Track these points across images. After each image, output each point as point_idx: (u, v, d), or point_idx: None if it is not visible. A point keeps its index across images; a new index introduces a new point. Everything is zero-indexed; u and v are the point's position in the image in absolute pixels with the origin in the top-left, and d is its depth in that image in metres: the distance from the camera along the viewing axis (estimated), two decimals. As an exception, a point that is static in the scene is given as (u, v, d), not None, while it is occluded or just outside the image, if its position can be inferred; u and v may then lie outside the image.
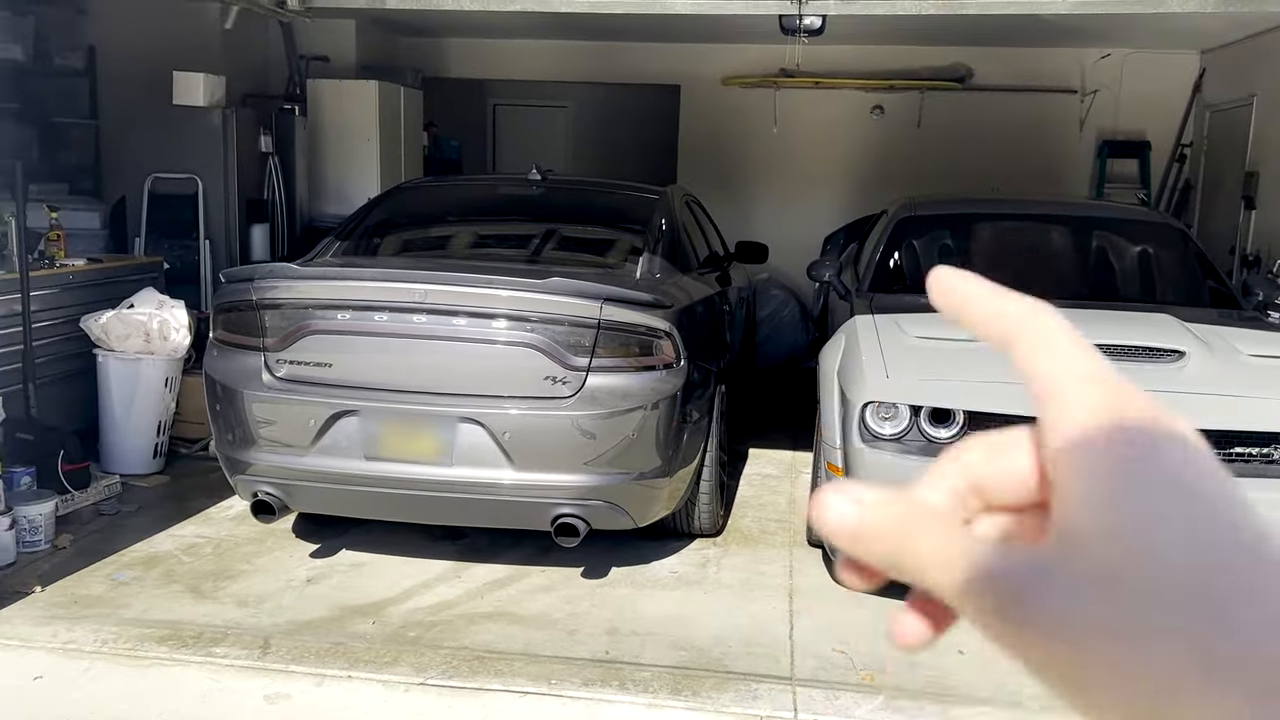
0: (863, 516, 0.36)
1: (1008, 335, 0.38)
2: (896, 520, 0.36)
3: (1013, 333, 0.38)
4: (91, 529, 4.58)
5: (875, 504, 0.36)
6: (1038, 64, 9.00)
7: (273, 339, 4.00)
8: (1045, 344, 0.37)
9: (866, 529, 0.36)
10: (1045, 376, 0.37)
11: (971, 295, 0.39)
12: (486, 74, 9.96)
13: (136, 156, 6.46)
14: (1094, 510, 0.32)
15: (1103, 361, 0.37)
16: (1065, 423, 0.35)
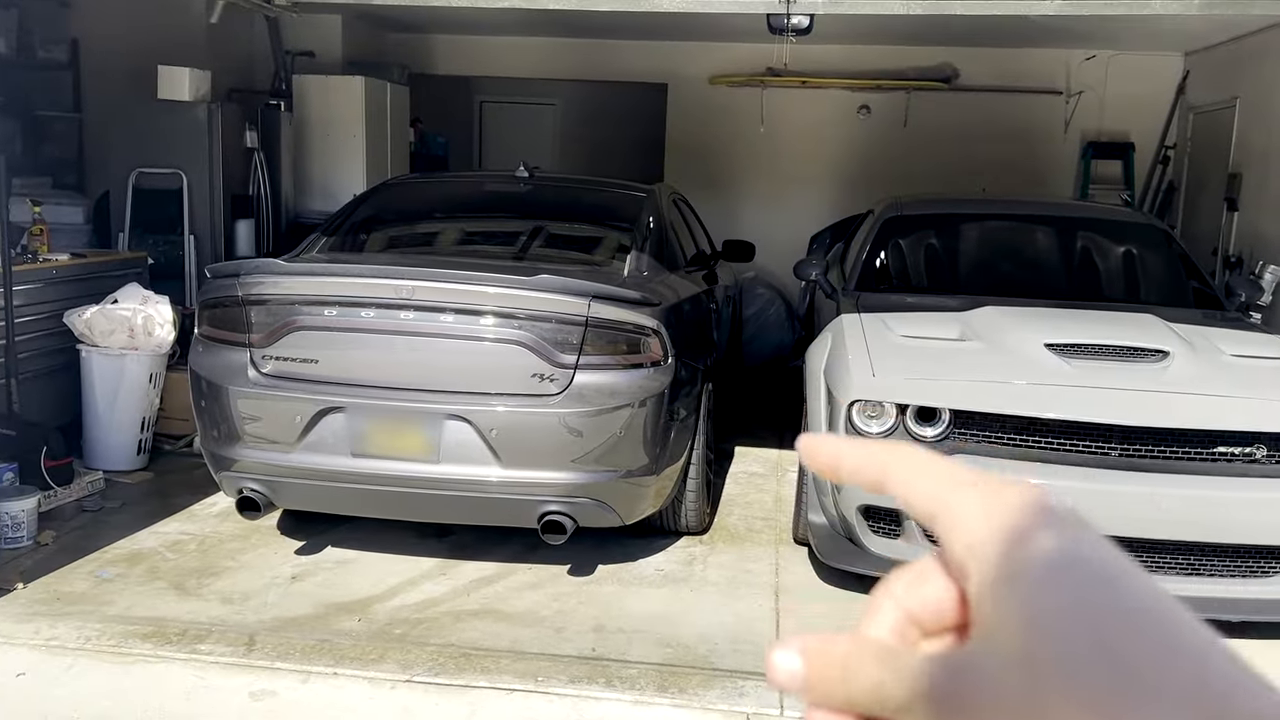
0: (809, 665, 0.37)
1: (881, 474, 0.41)
2: (839, 661, 0.37)
3: (884, 470, 0.41)
4: (74, 525, 4.55)
5: (817, 651, 0.38)
6: (1023, 65, 9.05)
7: (258, 335, 3.98)
8: (916, 470, 0.40)
9: (814, 676, 0.37)
10: (926, 498, 0.39)
11: (840, 451, 0.43)
12: (473, 71, 9.94)
13: (121, 151, 6.41)
14: (1001, 604, 0.34)
15: (971, 469, 0.39)
16: (959, 532, 0.37)
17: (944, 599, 0.39)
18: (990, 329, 4.22)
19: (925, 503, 0.39)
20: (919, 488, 0.39)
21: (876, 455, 0.42)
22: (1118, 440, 3.66)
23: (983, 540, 0.36)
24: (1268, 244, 7.05)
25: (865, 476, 0.42)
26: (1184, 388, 3.76)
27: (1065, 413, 3.67)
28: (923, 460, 0.40)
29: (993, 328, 4.23)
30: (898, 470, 0.40)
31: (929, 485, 0.39)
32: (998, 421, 3.75)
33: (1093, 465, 3.66)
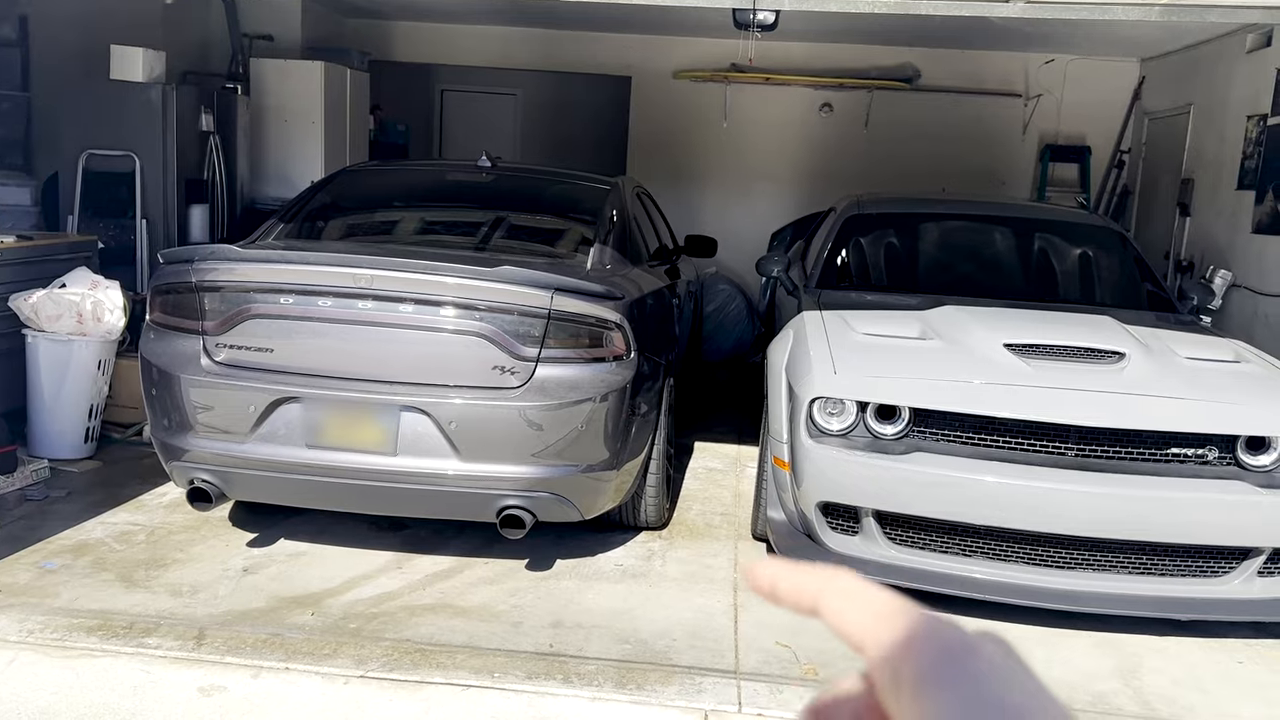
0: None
1: (814, 602, 0.44)
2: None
3: (816, 599, 0.44)
4: (18, 515, 4.42)
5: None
6: (984, 67, 9.14)
7: (212, 322, 3.90)
8: (847, 601, 0.43)
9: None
10: (854, 624, 0.42)
11: (778, 576, 0.46)
12: (434, 58, 9.83)
13: (71, 132, 6.26)
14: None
15: (899, 600, 0.43)
16: (881, 664, 0.40)
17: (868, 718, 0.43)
18: (950, 328, 4.25)
19: (854, 632, 0.42)
20: (849, 616, 0.42)
21: (810, 584, 0.45)
22: (1074, 440, 3.70)
23: (905, 683, 0.38)
24: (1218, 249, 7.19)
25: (799, 603, 0.45)
26: (1139, 389, 3.81)
27: (1023, 412, 3.71)
28: (853, 591, 0.43)
29: (953, 327, 4.26)
30: (830, 600, 0.44)
31: (857, 617, 0.42)
32: (956, 420, 3.77)
33: (1049, 465, 3.69)
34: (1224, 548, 3.70)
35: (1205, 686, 3.54)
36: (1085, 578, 3.71)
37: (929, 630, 0.40)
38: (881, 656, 0.40)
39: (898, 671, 0.39)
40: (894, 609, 0.42)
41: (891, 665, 0.39)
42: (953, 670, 0.38)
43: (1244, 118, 7.00)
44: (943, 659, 0.38)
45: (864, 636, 0.42)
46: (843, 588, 0.44)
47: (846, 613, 0.43)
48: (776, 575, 0.46)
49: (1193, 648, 3.79)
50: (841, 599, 0.43)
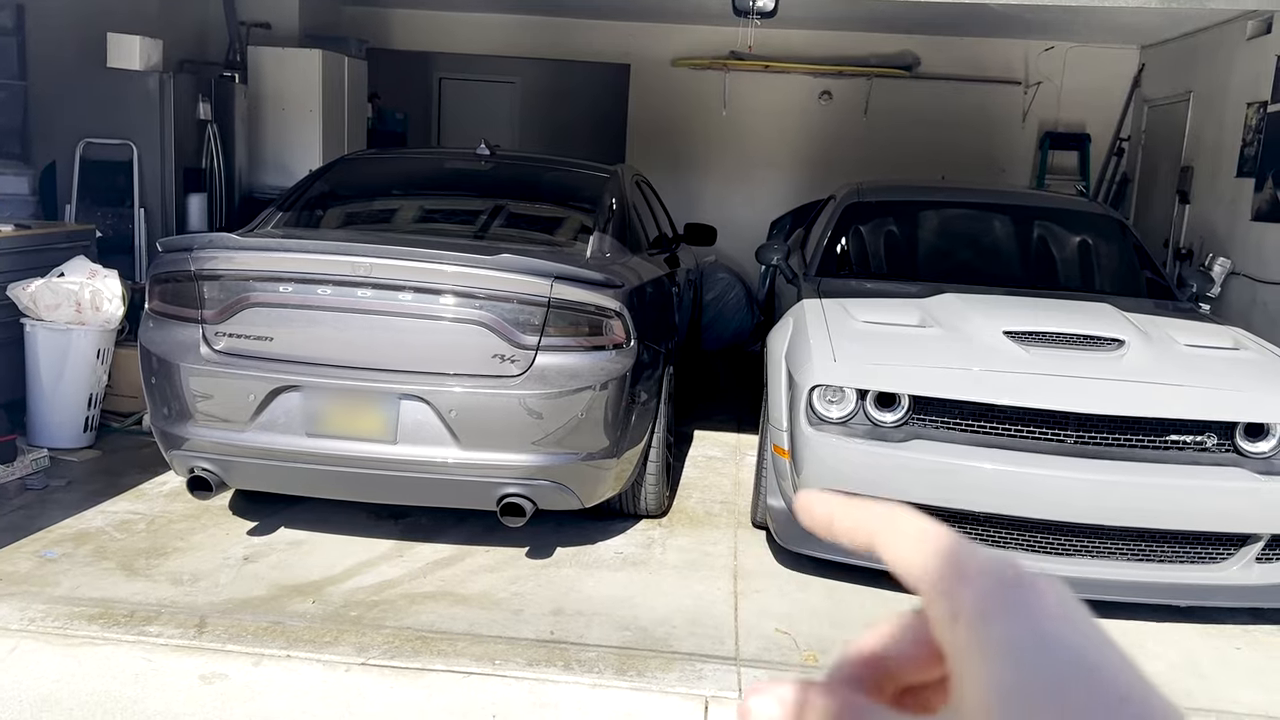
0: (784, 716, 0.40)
1: (870, 540, 0.43)
2: (809, 713, 0.39)
3: (874, 537, 0.43)
4: (18, 504, 4.43)
5: (792, 703, 0.40)
6: (983, 55, 9.12)
7: (211, 311, 3.89)
8: (906, 540, 0.41)
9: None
10: (911, 560, 0.41)
11: (835, 512, 0.44)
12: (432, 46, 9.80)
13: (68, 120, 6.23)
14: (973, 681, 0.36)
15: (957, 536, 0.41)
16: (941, 606, 0.39)
17: (921, 657, 0.41)
18: (950, 316, 4.25)
19: (912, 568, 0.40)
20: (907, 558, 0.41)
21: (868, 520, 0.43)
22: (1073, 427, 3.70)
23: (963, 616, 0.37)
24: (1218, 236, 7.19)
25: (855, 539, 0.43)
26: (1139, 376, 3.82)
27: (1022, 400, 3.71)
28: (913, 530, 0.42)
29: (952, 314, 4.25)
30: (887, 539, 0.42)
31: (915, 552, 0.41)
32: (956, 407, 3.77)
33: (1048, 452, 3.70)
34: (1222, 534, 3.70)
35: (1203, 672, 3.55)
36: (1084, 564, 3.71)
37: (990, 564, 0.39)
38: (940, 590, 0.39)
39: (956, 605, 0.38)
40: (953, 544, 0.41)
41: (950, 599, 0.38)
42: (1014, 602, 0.37)
43: (1244, 105, 6.99)
44: (1004, 591, 0.38)
45: (922, 571, 0.41)
46: (901, 523, 0.42)
47: (904, 548, 0.42)
48: (834, 510, 0.44)
49: (1191, 633, 3.81)
50: (899, 535, 0.42)
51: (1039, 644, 0.35)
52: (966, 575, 0.38)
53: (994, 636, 0.36)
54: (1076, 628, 0.36)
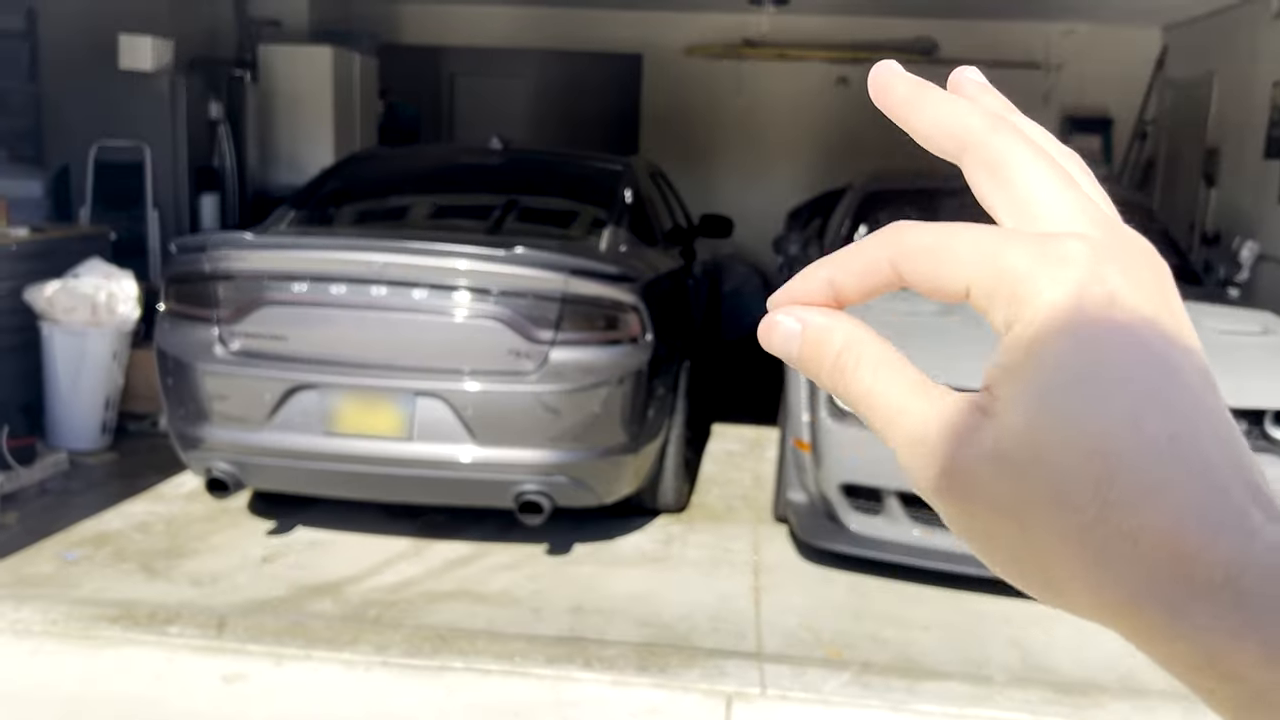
0: (805, 340, 0.34)
1: (959, 150, 0.35)
2: (838, 354, 0.34)
3: (963, 149, 0.34)
4: (38, 506, 4.43)
5: (818, 331, 0.34)
6: (1002, 38, 9.01)
7: (226, 311, 3.88)
8: (1005, 182, 0.33)
9: (809, 355, 0.34)
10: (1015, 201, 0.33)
11: (919, 99, 0.36)
12: (443, 40, 9.76)
13: (81, 123, 6.24)
14: (1030, 397, 0.30)
15: (1081, 206, 0.32)
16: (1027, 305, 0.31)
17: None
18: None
19: (1009, 208, 0.33)
20: (999, 204, 0.33)
21: (962, 132, 0.34)
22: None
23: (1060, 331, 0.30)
24: (1245, 220, 7.07)
25: (937, 141, 0.35)
26: (1166, 363, 3.74)
27: (1047, 388, 3.64)
28: (1026, 161, 0.33)
29: (974, 303, 4.19)
30: (983, 166, 0.34)
31: (1025, 184, 0.32)
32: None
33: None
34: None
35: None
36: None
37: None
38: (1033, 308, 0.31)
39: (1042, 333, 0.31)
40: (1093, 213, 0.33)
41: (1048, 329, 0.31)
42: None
43: (1270, 85, 6.86)
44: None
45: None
46: (1007, 160, 0.33)
47: (997, 200, 0.34)
48: (916, 95, 0.36)
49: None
50: (1000, 180, 0.34)
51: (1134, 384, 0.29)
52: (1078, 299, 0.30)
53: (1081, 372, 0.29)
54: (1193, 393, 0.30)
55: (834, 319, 0.34)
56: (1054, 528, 0.29)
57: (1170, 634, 0.29)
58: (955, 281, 0.32)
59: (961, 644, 3.49)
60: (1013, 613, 3.67)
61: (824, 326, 0.34)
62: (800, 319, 0.34)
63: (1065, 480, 0.29)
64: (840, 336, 0.34)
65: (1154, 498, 0.28)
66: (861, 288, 0.35)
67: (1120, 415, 0.29)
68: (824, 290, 0.35)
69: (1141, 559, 0.28)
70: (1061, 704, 3.16)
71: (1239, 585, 0.27)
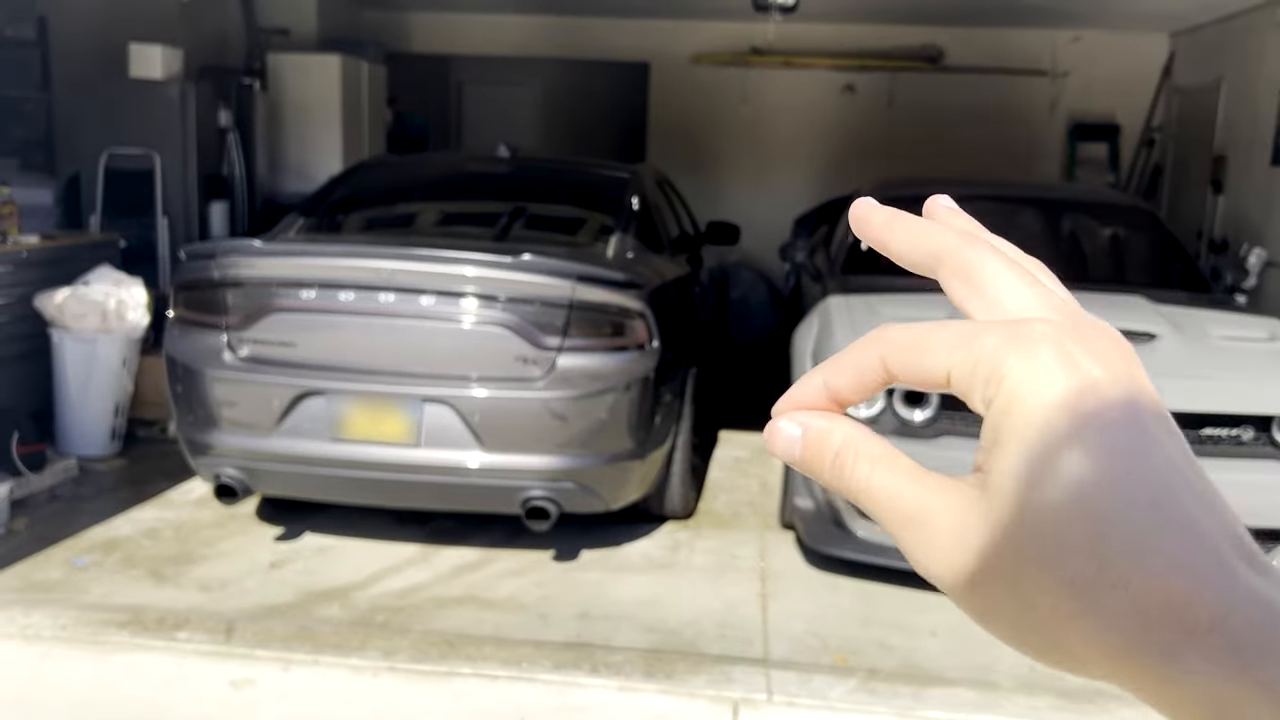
0: (806, 445, 0.37)
1: (934, 264, 0.37)
2: (836, 455, 0.36)
3: (937, 262, 0.37)
4: (48, 512, 4.46)
5: (818, 434, 0.37)
6: (1009, 45, 9.01)
7: (235, 317, 3.90)
8: (983, 274, 0.36)
9: (810, 458, 0.37)
10: (990, 305, 0.36)
11: (891, 225, 0.39)
12: (451, 49, 9.81)
13: (91, 131, 6.27)
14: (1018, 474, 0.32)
15: (1046, 299, 0.36)
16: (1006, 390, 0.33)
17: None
18: (978, 311, 4.18)
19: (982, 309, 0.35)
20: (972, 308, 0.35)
21: (935, 249, 0.37)
22: (1106, 422, 3.63)
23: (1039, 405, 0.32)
24: (1252, 226, 7.06)
25: (914, 259, 0.38)
26: (1172, 370, 3.74)
27: (1054, 395, 3.64)
28: (986, 276, 0.36)
29: (980, 309, 4.19)
30: (955, 277, 0.36)
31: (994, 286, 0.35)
32: (986, 404, 3.71)
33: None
34: (1259, 530, 3.62)
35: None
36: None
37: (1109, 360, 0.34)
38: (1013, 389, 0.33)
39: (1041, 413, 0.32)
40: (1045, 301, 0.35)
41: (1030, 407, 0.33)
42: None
43: (1277, 92, 6.86)
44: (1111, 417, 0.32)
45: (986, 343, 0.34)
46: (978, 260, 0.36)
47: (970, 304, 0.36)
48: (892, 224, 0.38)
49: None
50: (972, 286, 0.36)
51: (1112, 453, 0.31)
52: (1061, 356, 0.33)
53: (1060, 441, 0.31)
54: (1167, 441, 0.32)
55: (832, 421, 0.37)
56: (1053, 589, 0.31)
57: (1169, 679, 0.30)
58: (937, 369, 0.34)
59: (968, 650, 3.49)
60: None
61: (822, 429, 0.36)
62: (800, 423, 0.37)
63: (1061, 543, 0.31)
64: (838, 437, 0.36)
65: (1144, 551, 0.30)
66: (855, 388, 0.37)
67: (1106, 481, 0.31)
68: (821, 394, 0.37)
69: (1135, 607, 0.30)
70: (1068, 711, 3.16)
71: (1226, 628, 0.29)
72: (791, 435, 0.37)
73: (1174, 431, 0.33)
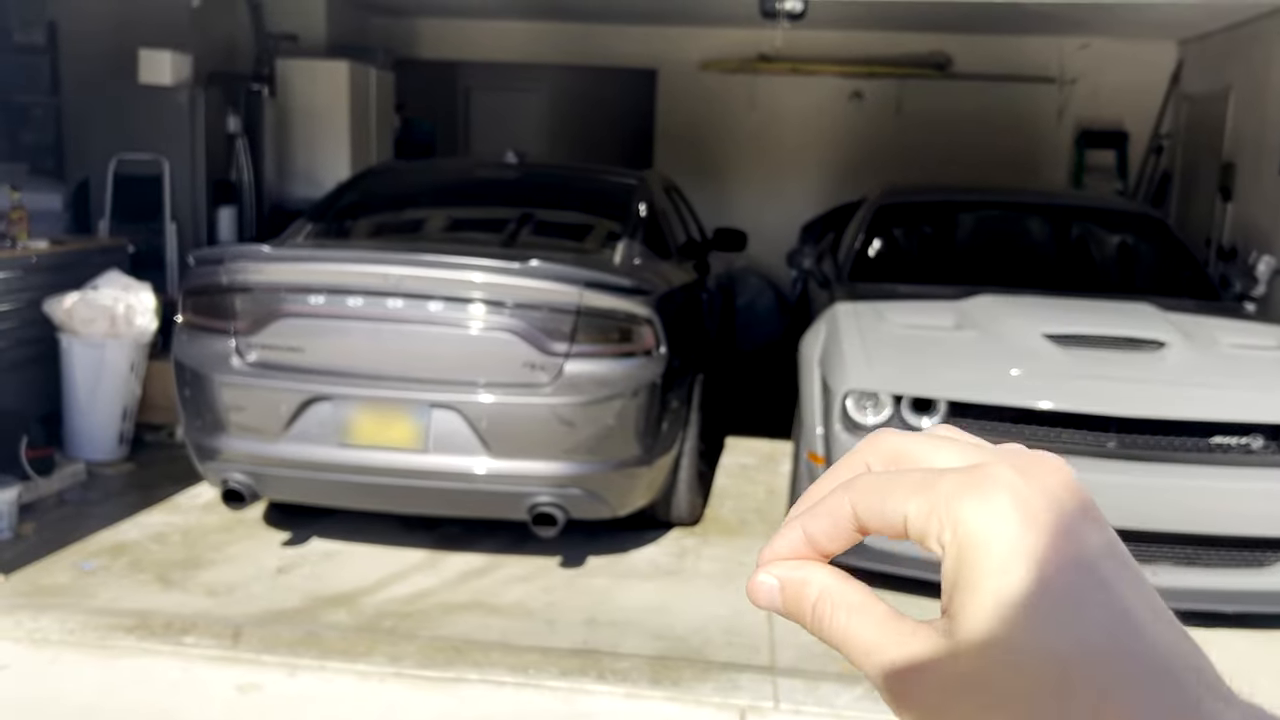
0: (785, 596, 0.38)
1: (850, 525, 0.38)
2: (814, 604, 0.37)
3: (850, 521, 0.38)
4: (56, 517, 4.47)
5: (796, 586, 0.38)
6: (1017, 53, 9.00)
7: (243, 323, 3.91)
8: (878, 494, 0.37)
9: (790, 608, 0.38)
10: (906, 515, 0.36)
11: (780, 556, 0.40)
12: (459, 55, 9.82)
13: (100, 136, 6.30)
14: (980, 620, 0.33)
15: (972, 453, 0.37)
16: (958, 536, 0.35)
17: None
18: (987, 318, 4.18)
19: (908, 521, 0.36)
20: (888, 508, 0.36)
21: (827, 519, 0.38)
22: (1114, 431, 3.62)
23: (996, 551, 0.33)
24: (1262, 234, 7.04)
25: (839, 544, 0.39)
26: (1181, 378, 3.73)
27: (1062, 403, 3.64)
28: (878, 483, 0.37)
29: (989, 317, 4.18)
30: (860, 505, 0.37)
31: (897, 502, 0.36)
32: (995, 412, 3.70)
33: (1089, 456, 3.62)
34: (1269, 538, 3.61)
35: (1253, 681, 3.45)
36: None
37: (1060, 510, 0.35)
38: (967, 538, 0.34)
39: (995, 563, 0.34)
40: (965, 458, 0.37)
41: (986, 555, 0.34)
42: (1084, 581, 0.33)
43: (1285, 99, 6.84)
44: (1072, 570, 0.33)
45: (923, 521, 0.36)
46: (867, 486, 0.37)
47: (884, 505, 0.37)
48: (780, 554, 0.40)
49: (1238, 640, 3.71)
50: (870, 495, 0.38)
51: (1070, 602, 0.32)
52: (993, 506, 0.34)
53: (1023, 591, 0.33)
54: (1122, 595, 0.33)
55: (807, 571, 0.38)
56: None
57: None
58: (897, 512, 0.36)
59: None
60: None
61: (799, 581, 0.38)
62: (778, 576, 0.38)
63: (1026, 689, 0.31)
64: (814, 589, 0.37)
65: (1111, 698, 0.30)
66: (831, 535, 0.38)
67: (1066, 628, 0.31)
68: (800, 543, 0.38)
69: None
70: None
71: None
72: (771, 587, 0.38)
73: (1126, 562, 0.34)
